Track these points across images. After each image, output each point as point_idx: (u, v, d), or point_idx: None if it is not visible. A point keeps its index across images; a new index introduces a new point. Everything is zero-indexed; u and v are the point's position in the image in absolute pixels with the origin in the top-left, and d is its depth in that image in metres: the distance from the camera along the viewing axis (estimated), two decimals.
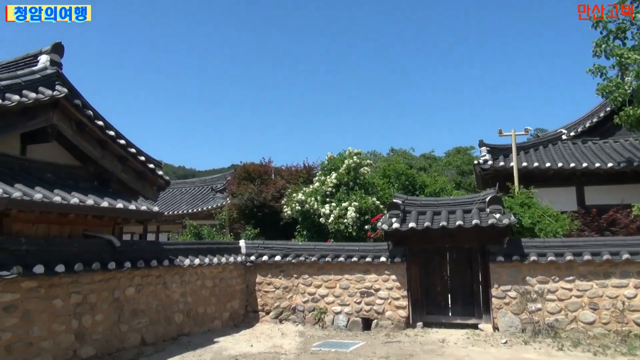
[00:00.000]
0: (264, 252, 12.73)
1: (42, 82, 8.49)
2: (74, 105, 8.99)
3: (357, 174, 15.56)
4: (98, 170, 10.04)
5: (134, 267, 9.12)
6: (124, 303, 9.09)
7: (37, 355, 7.35)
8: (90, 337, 8.31)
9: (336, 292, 12.01)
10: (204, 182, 29.27)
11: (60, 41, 9.13)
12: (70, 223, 8.70)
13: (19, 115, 8.11)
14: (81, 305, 8.21)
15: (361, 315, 11.69)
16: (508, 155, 15.76)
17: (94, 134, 9.54)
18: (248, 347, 9.79)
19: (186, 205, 25.33)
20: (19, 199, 7.00)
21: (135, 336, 9.24)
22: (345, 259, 11.86)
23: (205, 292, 11.37)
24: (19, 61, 9.18)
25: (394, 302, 11.52)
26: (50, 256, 7.68)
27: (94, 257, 8.42)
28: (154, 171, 11.02)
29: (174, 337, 10.17)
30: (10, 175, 7.84)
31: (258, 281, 12.73)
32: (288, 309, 12.34)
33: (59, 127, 8.88)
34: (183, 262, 10.52)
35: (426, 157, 42.29)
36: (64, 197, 7.88)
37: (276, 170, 19.48)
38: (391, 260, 11.53)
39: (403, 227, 11.18)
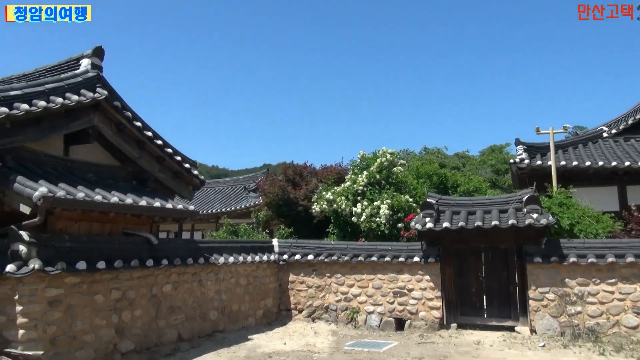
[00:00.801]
0: (297, 251, 12.81)
1: (83, 84, 8.81)
2: (114, 107, 9.29)
3: (390, 172, 15.47)
4: (136, 170, 10.34)
5: (170, 264, 9.34)
6: (161, 299, 9.32)
7: (80, 349, 7.62)
8: (130, 332, 8.56)
9: (369, 292, 11.98)
10: (237, 181, 29.72)
11: (100, 45, 9.46)
12: (111, 221, 8.98)
13: (63, 117, 8.44)
14: (121, 300, 8.46)
15: (394, 316, 11.63)
16: (545, 153, 15.36)
17: (133, 134, 9.83)
18: (281, 345, 9.88)
19: (220, 204, 25.77)
20: (63, 197, 7.28)
21: (172, 332, 9.46)
22: (378, 259, 11.81)
23: (239, 290, 11.54)
24: (62, 65, 9.55)
25: (427, 302, 11.41)
26: (92, 253, 7.95)
27: (132, 255, 8.67)
28: (189, 171, 11.26)
29: (209, 333, 10.36)
30: (55, 175, 8.16)
31: (291, 280, 12.83)
32: (321, 308, 12.39)
33: (100, 128, 9.19)
34: (218, 260, 10.70)
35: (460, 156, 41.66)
36: (104, 196, 8.15)
37: (310, 170, 19.57)
38: (425, 260, 11.42)
39: (437, 227, 11.06)
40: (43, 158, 8.56)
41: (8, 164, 7.67)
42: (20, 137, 7.77)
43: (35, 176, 7.64)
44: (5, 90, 7.58)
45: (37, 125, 8.02)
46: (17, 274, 6.78)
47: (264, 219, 17.52)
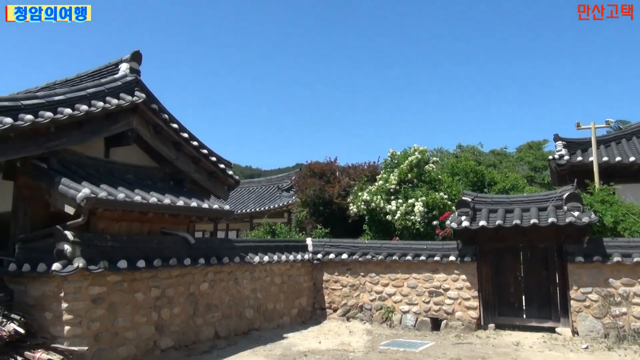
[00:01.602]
0: (331, 250, 12.82)
1: (122, 88, 9.05)
2: (152, 110, 9.52)
3: (421, 170, 15.29)
4: (173, 170, 10.56)
5: (207, 263, 9.50)
6: (198, 297, 9.49)
7: (122, 345, 7.85)
8: (169, 329, 8.75)
9: (404, 291, 11.88)
10: (270, 181, 29.95)
11: (138, 50, 9.71)
12: (149, 221, 9.20)
13: (103, 120, 8.71)
14: (160, 298, 8.66)
15: (430, 315, 11.49)
16: (586, 149, 14.84)
17: (170, 136, 10.04)
18: (316, 344, 9.91)
19: (253, 204, 26.04)
20: (105, 198, 7.52)
21: (209, 329, 9.63)
22: (413, 258, 11.70)
23: (274, 288, 11.64)
24: (102, 70, 9.85)
25: (464, 302, 11.22)
26: (132, 252, 8.18)
27: (171, 254, 8.86)
28: (224, 171, 11.43)
29: (245, 331, 10.49)
30: (97, 177, 8.43)
31: (325, 279, 12.85)
32: (355, 307, 12.36)
33: (138, 130, 9.43)
34: (253, 259, 10.83)
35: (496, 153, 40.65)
36: (143, 197, 8.37)
37: (341, 168, 19.54)
38: (461, 259, 11.23)
39: (473, 225, 10.86)
40: (85, 160, 8.85)
41: (53, 166, 7.96)
42: (64, 140, 8.06)
43: (79, 178, 7.91)
44: (49, 96, 7.88)
45: (80, 129, 8.30)
46: (62, 272, 7.04)
47: (302, 218, 17.59)
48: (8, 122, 6.96)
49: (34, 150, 7.64)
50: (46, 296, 7.31)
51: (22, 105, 7.35)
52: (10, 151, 7.32)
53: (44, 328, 7.20)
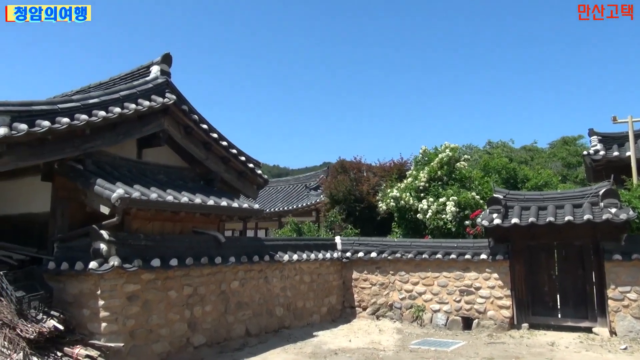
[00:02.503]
0: (360, 249, 12.79)
1: (154, 90, 9.24)
2: (182, 111, 9.68)
3: (452, 168, 15.09)
4: (203, 170, 10.72)
5: (237, 261, 9.61)
6: (229, 295, 9.61)
7: (156, 341, 8.02)
8: (201, 327, 8.89)
9: (434, 290, 11.76)
10: (298, 180, 30.04)
11: (169, 52, 9.89)
12: (181, 220, 9.37)
13: (136, 122, 8.91)
14: (192, 296, 8.81)
15: (461, 314, 11.34)
16: (623, 144, 14.32)
17: (200, 136, 10.20)
18: (346, 342, 9.91)
19: (282, 203, 26.16)
20: (138, 198, 7.69)
21: (240, 327, 9.74)
22: (443, 256, 11.56)
23: (304, 287, 11.69)
24: (134, 72, 10.06)
25: (496, 301, 11.03)
26: (165, 251, 8.34)
27: (202, 252, 9.00)
28: (253, 170, 11.54)
29: (275, 329, 10.57)
30: (130, 177, 8.63)
31: (354, 277, 12.83)
32: (385, 306, 12.30)
33: (169, 131, 9.61)
34: (282, 258, 10.90)
35: (527, 150, 39.78)
36: (175, 197, 8.52)
37: (368, 167, 19.45)
38: (492, 257, 11.05)
39: (505, 223, 10.66)
40: (119, 161, 9.08)
41: (88, 167, 8.19)
42: (98, 142, 8.28)
43: (113, 178, 8.13)
44: (84, 99, 8.11)
45: (113, 130, 8.51)
46: (98, 270, 7.24)
47: (331, 217, 17.58)
48: (46, 125, 7.19)
49: (70, 152, 7.87)
50: (84, 294, 7.52)
51: (59, 109, 7.58)
52: (49, 153, 7.56)
53: (81, 324, 7.41)
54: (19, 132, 6.87)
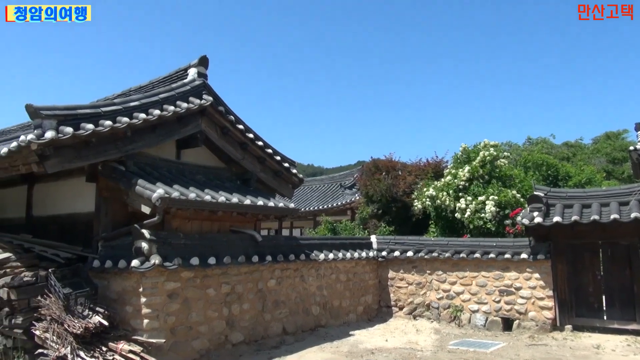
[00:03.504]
0: (396, 248, 12.69)
1: (191, 92, 9.42)
2: (219, 112, 9.85)
3: (494, 166, 14.76)
4: (240, 170, 10.86)
5: (274, 260, 9.70)
6: (266, 294, 9.71)
7: (196, 338, 8.19)
8: (239, 324, 9.02)
9: (472, 290, 11.54)
10: (333, 179, 30.04)
11: (205, 54, 10.05)
12: (219, 219, 9.51)
13: (174, 124, 9.11)
14: (230, 294, 8.94)
15: (501, 315, 11.09)
16: None
17: (236, 137, 10.34)
18: (383, 342, 9.85)
19: (316, 202, 26.24)
20: (177, 198, 7.86)
21: (277, 325, 9.82)
22: (482, 256, 11.33)
23: (340, 286, 11.68)
24: (172, 75, 10.29)
25: (537, 302, 10.73)
26: (203, 250, 8.50)
27: (239, 251, 9.12)
28: (288, 170, 11.61)
29: (311, 328, 10.61)
30: (169, 178, 8.84)
31: (390, 276, 12.74)
32: (422, 306, 12.16)
33: (207, 132, 9.78)
34: (318, 257, 10.93)
35: (569, 146, 38.49)
36: (213, 196, 8.67)
37: (402, 165, 19.26)
38: (533, 257, 10.75)
39: (546, 221, 10.35)
40: (159, 162, 9.31)
41: (130, 168, 8.44)
42: (139, 143, 8.51)
43: (153, 179, 8.33)
44: (125, 102, 8.35)
45: (153, 132, 8.73)
46: (140, 268, 7.45)
47: (366, 216, 17.53)
48: (90, 128, 7.45)
49: (113, 154, 8.13)
50: (126, 291, 7.76)
51: (101, 112, 7.84)
52: (93, 155, 7.83)
53: (125, 321, 7.64)
54: (65, 135, 7.15)
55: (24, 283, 7.49)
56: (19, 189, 10.40)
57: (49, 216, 9.87)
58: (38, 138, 6.95)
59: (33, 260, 8.15)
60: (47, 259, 8.25)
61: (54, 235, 9.25)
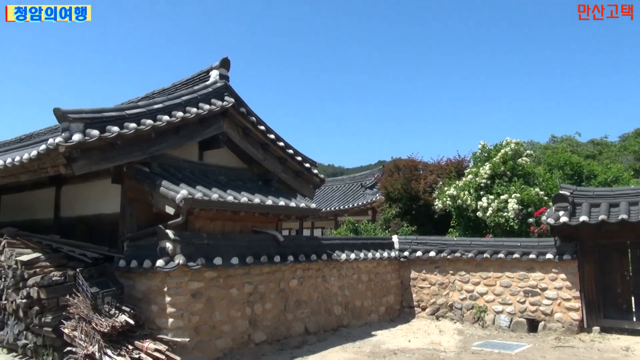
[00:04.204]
0: (418, 248, 12.60)
1: (213, 94, 9.53)
2: (240, 113, 9.93)
3: (515, 164, 14.54)
4: (261, 171, 10.94)
5: (295, 260, 9.73)
6: (288, 294, 9.75)
7: (220, 337, 8.27)
8: (262, 324, 9.07)
9: (496, 290, 11.39)
10: (353, 179, 29.99)
11: (227, 56, 10.15)
12: (241, 220, 9.59)
13: (197, 125, 9.22)
14: (253, 294, 9.00)
15: (526, 316, 10.92)
16: None
17: (257, 137, 10.42)
18: (405, 342, 9.80)
19: (337, 202, 26.23)
20: (200, 199, 7.96)
21: (299, 325, 9.85)
22: (506, 256, 11.17)
23: (361, 286, 11.66)
24: (194, 78, 10.42)
25: (564, 303, 10.53)
26: (226, 250, 8.57)
27: (261, 251, 9.18)
28: (310, 170, 11.65)
29: (334, 328, 10.61)
30: (192, 179, 8.95)
31: (412, 277, 12.66)
32: (445, 306, 12.06)
33: (229, 133, 9.88)
34: (340, 257, 10.92)
35: (595, 143, 37.60)
36: (235, 197, 8.75)
37: (423, 165, 19.13)
38: (559, 257, 10.55)
39: (572, 221, 10.15)
40: (182, 163, 9.44)
41: (154, 170, 8.57)
42: (163, 145, 8.65)
43: (177, 180, 8.45)
44: (149, 105, 8.50)
45: (177, 134, 8.86)
46: (165, 268, 7.56)
47: (387, 216, 17.45)
48: (115, 131, 7.60)
49: (137, 156, 8.27)
50: (151, 290, 7.88)
51: (126, 115, 7.99)
52: (118, 157, 7.98)
53: (150, 320, 7.76)
54: (92, 137, 7.30)
55: (53, 282, 7.68)
56: (47, 191, 10.68)
57: (76, 217, 10.10)
58: (66, 141, 7.11)
59: (61, 260, 8.34)
60: (75, 258, 8.44)
61: (81, 236, 9.47)
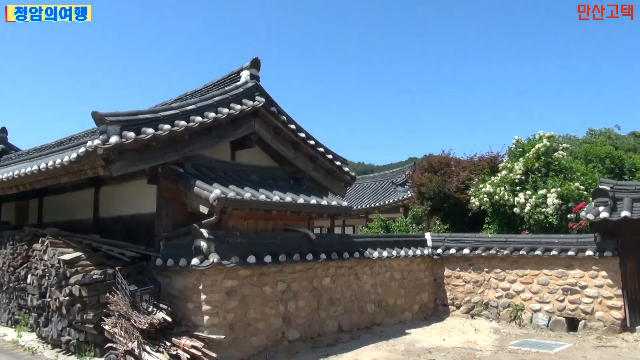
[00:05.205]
0: (451, 245, 12.43)
1: (244, 94, 9.64)
2: (271, 112, 10.00)
3: (550, 158, 14.16)
4: (292, 169, 11.00)
5: (328, 258, 9.74)
6: (321, 292, 9.76)
7: (254, 335, 8.36)
8: (295, 322, 9.12)
9: (533, 288, 11.12)
10: (384, 176, 29.85)
11: (257, 56, 10.25)
12: (273, 218, 9.67)
13: (229, 125, 9.35)
14: (286, 292, 9.05)
15: (565, 315, 10.62)
16: None
17: (288, 136, 10.47)
18: (440, 341, 9.68)
19: (368, 200, 26.14)
20: (233, 198, 8.06)
21: (332, 323, 9.86)
22: (543, 253, 10.89)
23: (394, 284, 11.58)
24: (225, 78, 10.56)
25: (605, 301, 10.20)
26: (259, 248, 8.66)
27: (294, 249, 9.23)
28: (340, 168, 11.64)
29: (367, 326, 10.57)
30: (225, 179, 9.07)
31: (446, 274, 12.49)
32: (480, 304, 11.85)
33: (260, 133, 9.97)
34: (372, 254, 10.87)
35: (636, 136, 36.16)
36: (267, 195, 8.83)
37: (456, 161, 18.86)
38: (599, 254, 10.22)
39: (613, 216, 9.81)
40: (215, 163, 9.58)
41: (188, 170, 8.73)
42: (196, 145, 8.80)
43: (210, 180, 8.58)
44: (182, 106, 8.66)
45: (209, 134, 9.00)
46: (200, 266, 7.69)
47: (419, 214, 17.27)
48: (150, 132, 7.78)
49: (172, 157, 8.45)
50: (187, 288, 8.03)
51: (160, 117, 8.17)
52: (153, 158, 8.17)
53: (186, 317, 7.91)
54: (128, 139, 7.50)
55: (94, 280, 7.92)
56: (87, 192, 11.03)
57: (114, 217, 10.39)
58: (103, 143, 7.33)
59: (101, 259, 8.61)
60: (114, 257, 8.69)
61: (119, 235, 9.73)
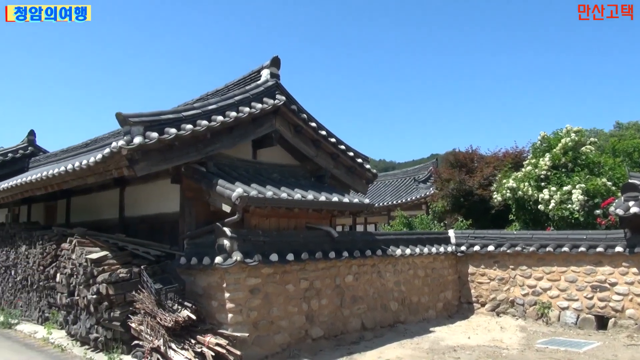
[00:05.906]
0: (475, 242, 12.25)
1: (265, 93, 9.66)
2: (292, 111, 10.01)
3: (577, 153, 13.83)
4: (313, 167, 10.99)
5: (350, 256, 9.69)
6: (344, 289, 9.73)
7: (278, 333, 8.38)
8: (318, 319, 9.11)
9: (561, 286, 10.88)
10: (406, 173, 29.65)
11: (277, 55, 10.26)
12: (295, 216, 9.67)
13: (250, 124, 9.39)
14: (309, 290, 9.05)
15: (594, 312, 10.37)
16: None
17: (309, 134, 10.46)
18: (465, 339, 9.56)
19: (390, 197, 26.00)
20: (255, 196, 8.10)
21: (356, 321, 9.82)
22: (570, 249, 10.65)
23: (418, 281, 11.48)
24: (246, 77, 10.61)
25: (636, 298, 9.91)
26: (281, 246, 8.68)
27: (316, 247, 9.21)
28: (362, 165, 11.58)
29: (390, 324, 10.50)
30: (247, 177, 9.12)
31: (470, 272, 12.32)
32: (505, 302, 11.66)
33: (281, 131, 9.99)
34: (395, 252, 10.80)
35: None
36: (289, 194, 8.84)
37: (479, 157, 18.60)
38: (630, 250, 9.93)
39: None
40: (236, 162, 9.64)
41: (210, 169, 8.80)
42: (218, 145, 8.87)
43: (232, 179, 8.64)
44: (204, 106, 8.73)
45: (230, 134, 9.06)
46: (223, 265, 7.75)
47: (441, 210, 17.09)
48: (173, 132, 7.87)
49: (194, 156, 8.53)
50: (211, 286, 8.10)
51: (183, 117, 8.25)
52: (176, 158, 8.27)
53: (210, 315, 7.98)
54: (151, 139, 7.60)
55: (120, 279, 8.06)
56: (112, 192, 11.23)
57: (139, 216, 10.55)
58: (127, 144, 7.45)
59: (127, 258, 8.75)
60: (139, 256, 8.83)
61: (143, 234, 9.89)
